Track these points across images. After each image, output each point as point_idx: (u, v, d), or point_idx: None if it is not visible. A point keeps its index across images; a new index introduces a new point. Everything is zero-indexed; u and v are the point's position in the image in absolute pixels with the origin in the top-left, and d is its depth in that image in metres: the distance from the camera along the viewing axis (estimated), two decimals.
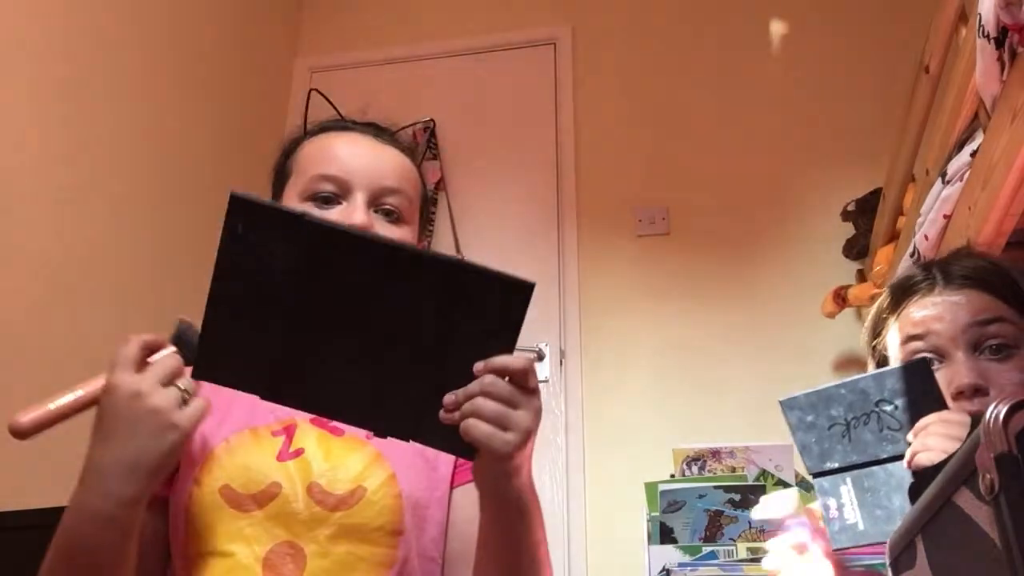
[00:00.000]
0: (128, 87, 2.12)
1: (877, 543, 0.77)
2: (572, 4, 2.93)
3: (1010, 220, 1.12)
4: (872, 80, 2.52)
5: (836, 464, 0.82)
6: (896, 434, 0.79)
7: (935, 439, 0.71)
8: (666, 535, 1.66)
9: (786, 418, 0.86)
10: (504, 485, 0.69)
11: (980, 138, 1.19)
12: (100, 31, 2.04)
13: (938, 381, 0.83)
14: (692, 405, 2.37)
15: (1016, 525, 0.39)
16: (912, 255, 1.54)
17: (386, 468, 0.82)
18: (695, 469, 2.09)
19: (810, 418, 0.84)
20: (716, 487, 1.71)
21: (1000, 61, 1.07)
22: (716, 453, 2.12)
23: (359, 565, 0.76)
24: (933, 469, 0.67)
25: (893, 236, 1.94)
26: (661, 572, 1.55)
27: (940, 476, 0.50)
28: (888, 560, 0.59)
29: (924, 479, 0.69)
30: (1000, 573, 0.40)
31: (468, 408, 0.65)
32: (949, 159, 1.33)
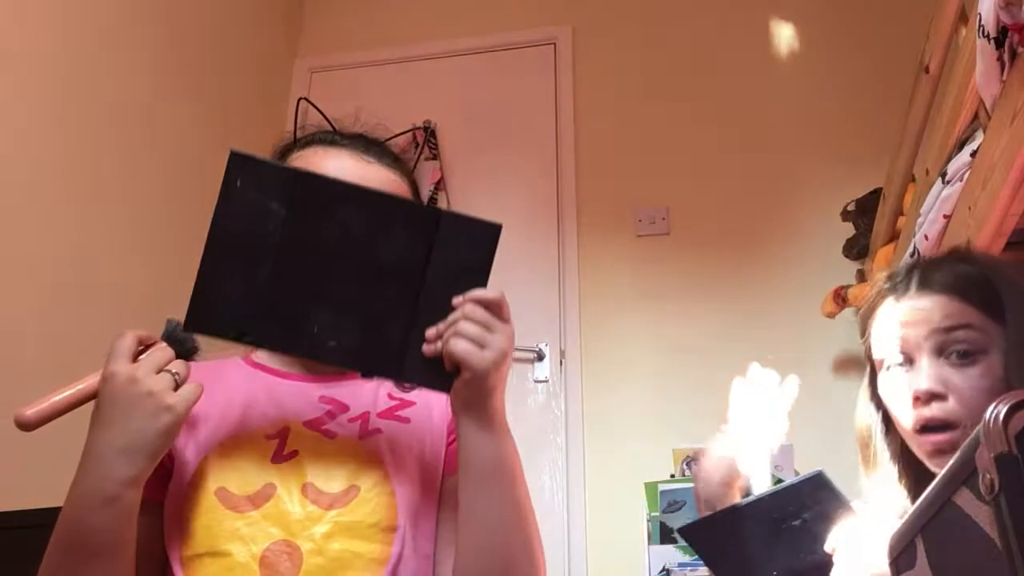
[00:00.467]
0: (128, 87, 2.12)
1: None
2: (572, 4, 2.93)
3: (1010, 220, 1.12)
4: (872, 80, 2.52)
5: None
6: (812, 545, 0.76)
7: (859, 562, 0.70)
8: (666, 535, 1.66)
9: (691, 546, 0.83)
10: (481, 402, 0.75)
11: (980, 138, 1.19)
12: (100, 31, 2.04)
13: (901, 384, 0.83)
14: (692, 405, 2.37)
15: (1016, 525, 0.39)
16: (912, 255, 1.54)
17: (379, 467, 0.83)
18: (695, 469, 2.09)
19: (717, 541, 0.81)
20: None
21: (1000, 61, 1.07)
22: None
23: (355, 562, 0.77)
24: None
25: (893, 236, 1.94)
26: (661, 572, 1.55)
27: (940, 476, 0.50)
28: (888, 560, 0.59)
29: None
30: (1000, 573, 0.40)
31: (450, 332, 0.73)
32: (949, 159, 1.33)
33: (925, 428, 0.81)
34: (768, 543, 0.78)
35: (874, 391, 0.92)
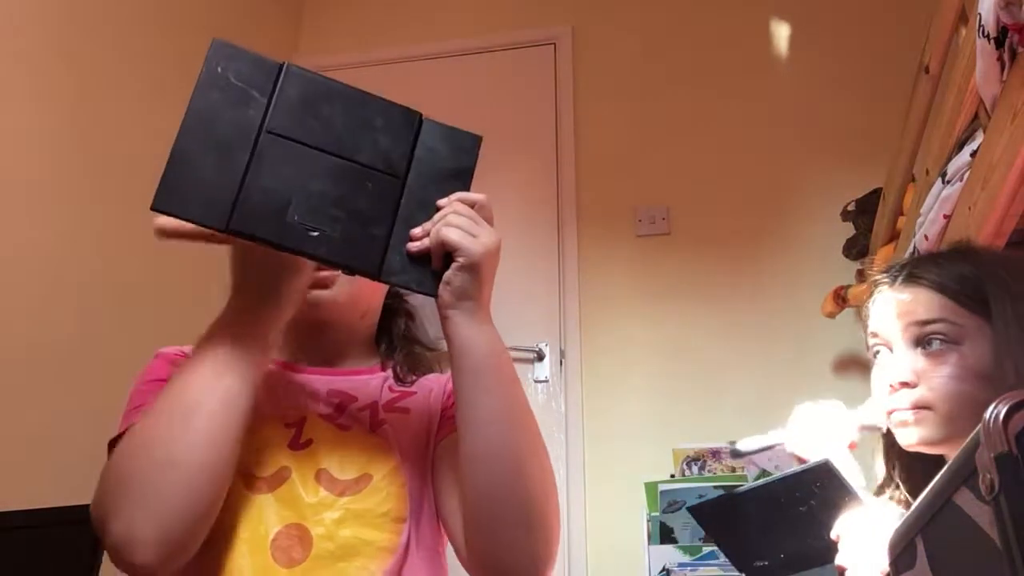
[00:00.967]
0: (128, 87, 2.12)
1: None
2: (572, 4, 2.93)
3: (1010, 220, 1.12)
4: (872, 80, 2.52)
5: (765, 562, 0.82)
6: (818, 532, 0.78)
7: (863, 551, 0.73)
8: (666, 535, 1.66)
9: (700, 526, 0.86)
10: (473, 292, 0.74)
11: (980, 138, 1.19)
12: (100, 31, 2.04)
13: (881, 374, 0.88)
14: (692, 405, 2.37)
15: (1016, 525, 0.39)
16: (912, 255, 1.54)
17: (391, 458, 0.84)
18: (695, 469, 2.10)
19: (726, 521, 0.83)
20: (716, 487, 1.71)
21: (1000, 61, 1.07)
22: (716, 453, 2.13)
23: (364, 549, 0.78)
24: None
25: (893, 236, 1.94)
26: (661, 572, 1.55)
27: (940, 476, 0.50)
28: (888, 560, 0.59)
29: None
30: (1000, 573, 0.40)
31: (439, 224, 0.73)
32: (949, 159, 1.33)
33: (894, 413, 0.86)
34: (775, 527, 0.80)
35: None
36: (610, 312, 2.54)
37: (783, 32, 2.73)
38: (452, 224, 0.73)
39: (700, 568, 1.53)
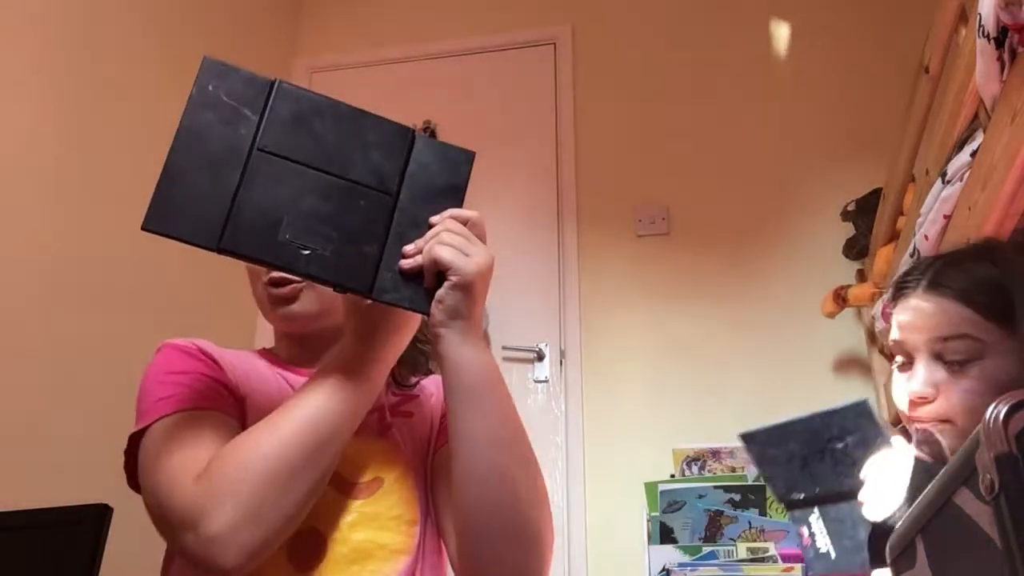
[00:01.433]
0: (128, 87, 2.12)
1: (850, 572, 0.79)
2: (572, 4, 2.93)
3: (1010, 220, 1.12)
4: (872, 80, 2.52)
5: (801, 495, 0.85)
6: (851, 469, 0.81)
7: (878, 487, 0.75)
8: (666, 535, 1.66)
9: (747, 451, 0.88)
10: (465, 311, 0.73)
11: (980, 138, 1.19)
12: (100, 31, 2.04)
13: (903, 384, 0.88)
14: (692, 405, 2.37)
15: (1016, 525, 0.39)
16: (912, 255, 1.54)
17: (401, 461, 0.85)
18: (695, 469, 2.10)
19: (771, 451, 0.86)
20: (716, 487, 1.71)
21: (1000, 61, 1.07)
22: (716, 453, 2.13)
23: (377, 552, 0.79)
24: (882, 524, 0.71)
25: (893, 236, 1.94)
26: (661, 572, 1.55)
27: (940, 476, 0.50)
28: (888, 560, 0.59)
29: (879, 529, 0.73)
30: (1000, 573, 0.40)
31: (432, 242, 0.73)
32: (949, 159, 1.33)
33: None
34: (814, 461, 0.84)
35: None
36: (610, 312, 2.54)
37: (783, 32, 2.73)
38: (445, 242, 0.72)
39: (700, 568, 1.53)
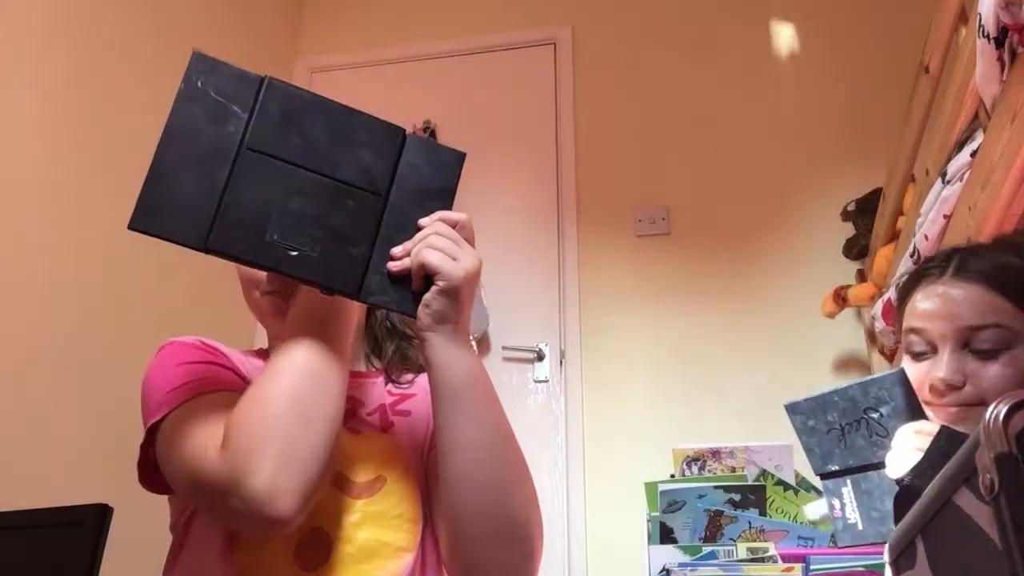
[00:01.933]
0: (128, 87, 2.12)
1: (876, 543, 0.80)
2: (572, 4, 2.93)
3: (1010, 220, 1.12)
4: (872, 80, 2.52)
5: (836, 466, 0.86)
6: (884, 440, 0.82)
7: (903, 451, 0.75)
8: (666, 535, 1.66)
9: (791, 422, 0.90)
10: (452, 316, 0.73)
11: (980, 138, 1.19)
12: (100, 31, 2.04)
13: (921, 372, 0.87)
14: (692, 405, 2.37)
15: (1016, 525, 0.39)
16: (912, 255, 1.54)
17: (402, 460, 0.85)
18: (695, 469, 2.09)
19: (811, 423, 0.88)
20: (716, 487, 1.71)
21: (1000, 61, 1.07)
22: (716, 453, 2.12)
23: (382, 550, 0.79)
24: (909, 484, 0.71)
25: (893, 236, 1.94)
26: (661, 572, 1.55)
27: (940, 476, 0.50)
28: (888, 560, 0.59)
29: (905, 491, 0.73)
30: (1000, 573, 0.40)
31: (420, 245, 0.72)
32: (949, 159, 1.33)
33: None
34: (850, 431, 0.85)
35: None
36: (610, 312, 2.54)
37: (783, 32, 2.73)
38: (433, 246, 0.72)
39: (700, 568, 1.52)
